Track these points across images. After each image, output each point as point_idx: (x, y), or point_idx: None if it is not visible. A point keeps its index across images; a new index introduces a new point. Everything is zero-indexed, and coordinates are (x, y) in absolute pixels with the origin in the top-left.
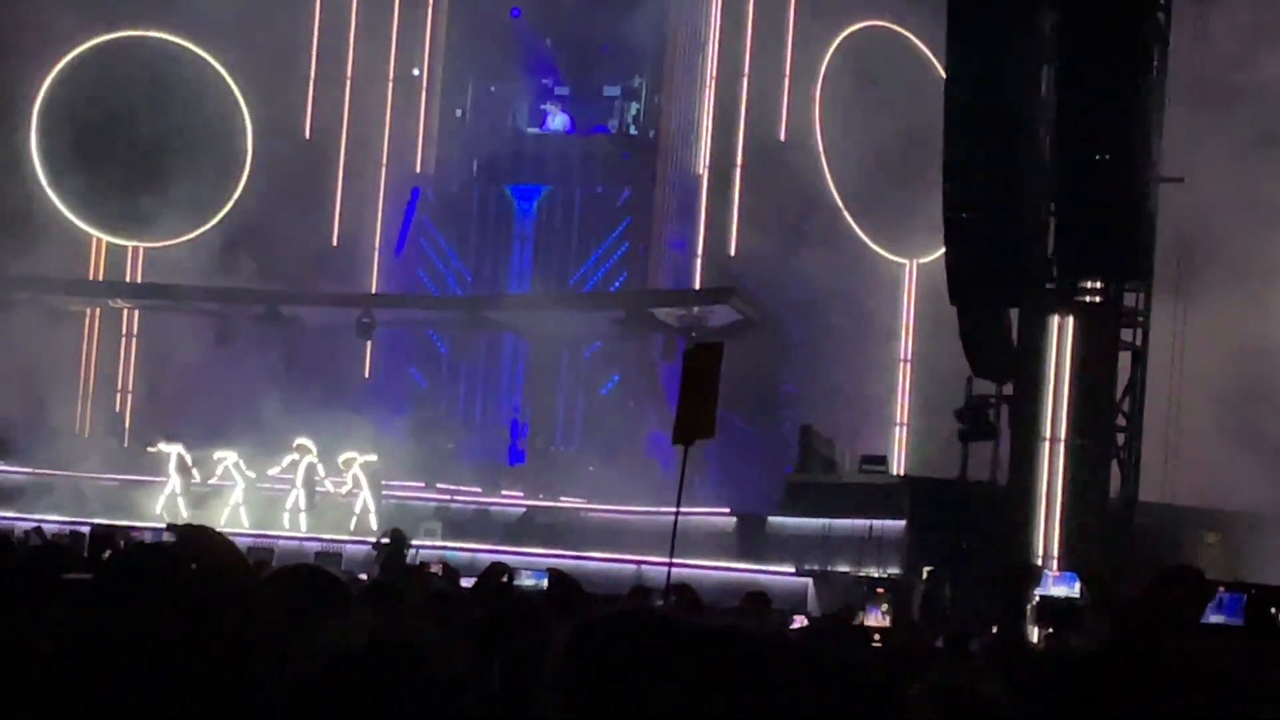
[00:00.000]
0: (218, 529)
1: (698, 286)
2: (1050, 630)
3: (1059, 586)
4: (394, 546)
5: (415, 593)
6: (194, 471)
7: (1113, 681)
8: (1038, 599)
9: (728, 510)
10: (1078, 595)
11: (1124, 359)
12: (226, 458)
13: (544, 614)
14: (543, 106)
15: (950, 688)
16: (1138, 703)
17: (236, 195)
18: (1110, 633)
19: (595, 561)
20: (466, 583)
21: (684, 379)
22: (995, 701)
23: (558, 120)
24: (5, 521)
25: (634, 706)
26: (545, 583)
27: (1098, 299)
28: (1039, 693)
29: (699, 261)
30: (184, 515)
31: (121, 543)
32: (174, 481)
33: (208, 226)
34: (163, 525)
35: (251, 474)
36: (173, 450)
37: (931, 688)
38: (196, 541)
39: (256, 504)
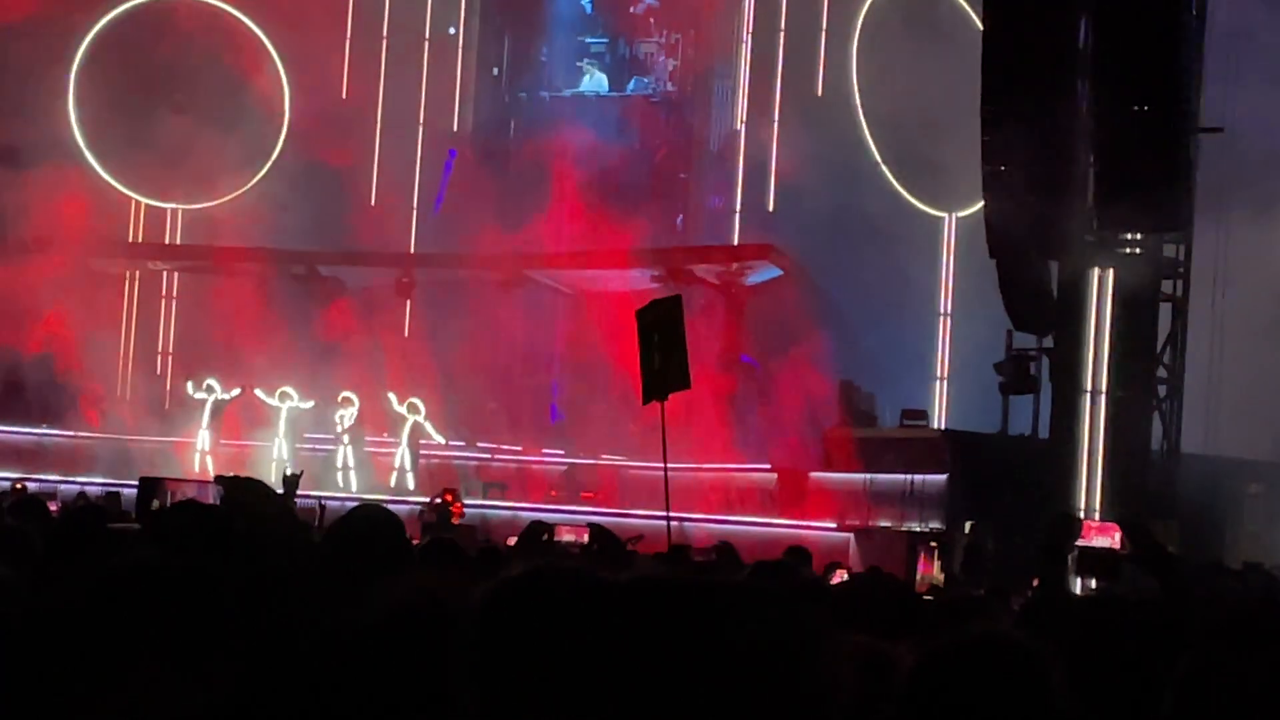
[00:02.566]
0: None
1: (736, 243)
2: (1094, 580)
3: (1100, 537)
4: (444, 506)
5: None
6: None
7: (1172, 628)
8: (1078, 550)
9: (768, 466)
10: (1118, 545)
11: (1164, 310)
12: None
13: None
14: (579, 64)
15: (987, 635)
16: (1201, 648)
17: (274, 156)
18: (1157, 582)
19: (636, 519)
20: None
21: (641, 336)
22: (1036, 650)
23: (594, 79)
24: (48, 485)
25: (546, 668)
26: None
27: (1138, 250)
28: (1086, 641)
29: (737, 218)
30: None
31: (168, 496)
32: (204, 437)
33: (246, 188)
34: (208, 479)
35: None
36: (210, 398)
37: (968, 636)
38: (243, 496)
39: (301, 462)
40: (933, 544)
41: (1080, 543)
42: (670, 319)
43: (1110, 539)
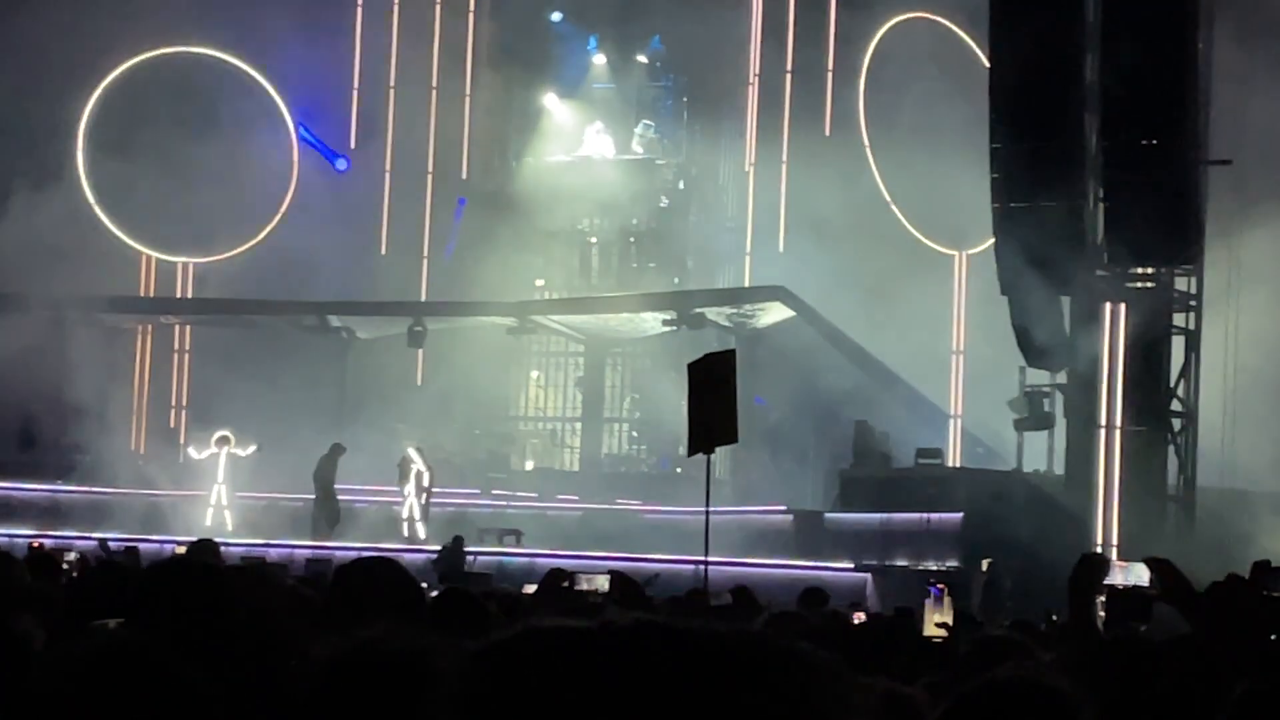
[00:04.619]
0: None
1: (747, 285)
2: (1121, 621)
3: (1126, 576)
4: (453, 553)
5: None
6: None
7: (1203, 669)
8: (1106, 590)
9: (784, 508)
10: (1146, 585)
11: (1177, 343)
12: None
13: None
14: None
15: (1020, 679)
16: (1232, 689)
17: (284, 208)
18: (1188, 622)
19: (654, 564)
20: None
21: (692, 388)
22: (1069, 694)
23: (599, 142)
24: (64, 540)
25: None
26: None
27: (1149, 284)
28: (1117, 683)
29: (748, 260)
30: (229, 527)
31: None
32: (219, 491)
33: (256, 240)
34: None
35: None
36: (221, 451)
37: (1000, 680)
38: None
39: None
40: (940, 584)
41: (1109, 582)
42: (723, 372)
43: (1137, 578)
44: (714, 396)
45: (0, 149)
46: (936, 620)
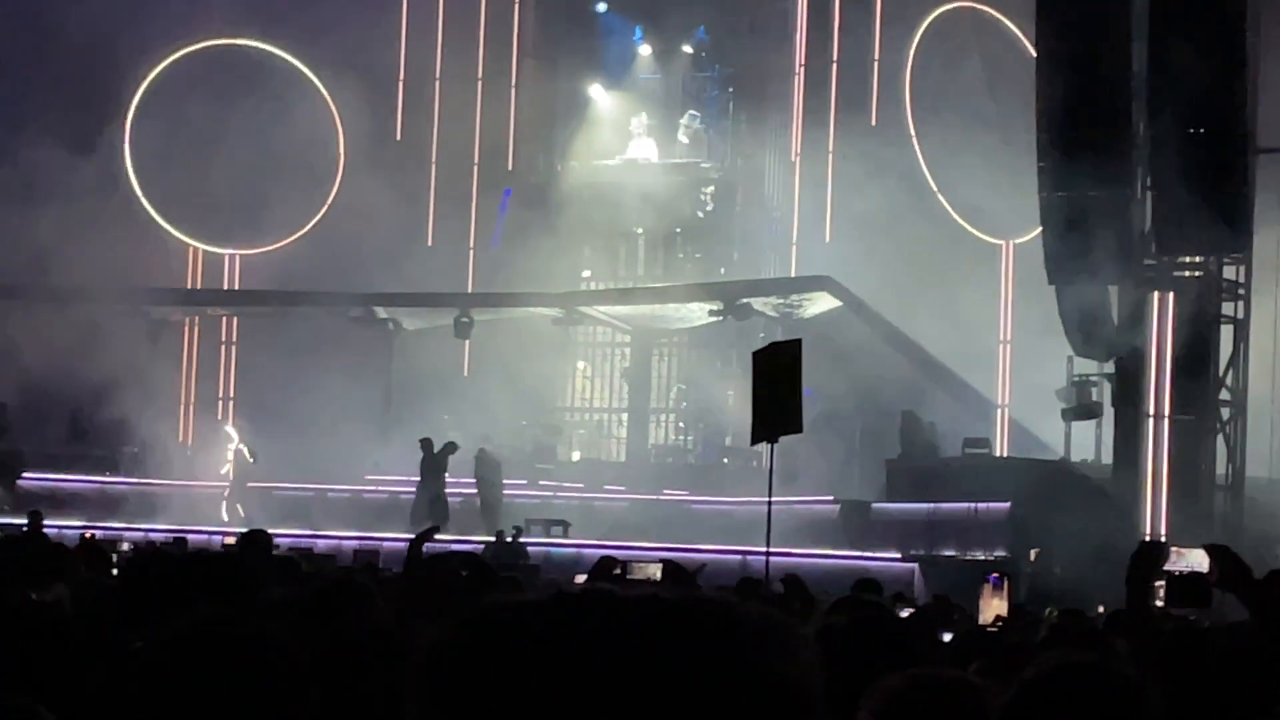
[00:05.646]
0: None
1: (793, 275)
2: (1178, 608)
3: (1184, 563)
4: (502, 545)
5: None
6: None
7: (1261, 656)
8: (1164, 577)
9: (831, 498)
10: (1205, 571)
11: (1225, 332)
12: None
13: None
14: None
15: (1075, 664)
16: None
17: (331, 199)
18: (1247, 609)
19: (700, 554)
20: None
21: (756, 378)
22: (1136, 680)
23: (642, 145)
24: (112, 532)
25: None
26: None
27: (1197, 273)
28: (1175, 670)
29: (794, 250)
30: (242, 515)
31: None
32: (234, 481)
33: (303, 231)
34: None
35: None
36: (232, 442)
37: (1053, 666)
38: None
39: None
40: (996, 574)
41: (1167, 567)
42: (788, 363)
43: (1195, 564)
44: (778, 386)
45: (48, 143)
46: (995, 608)
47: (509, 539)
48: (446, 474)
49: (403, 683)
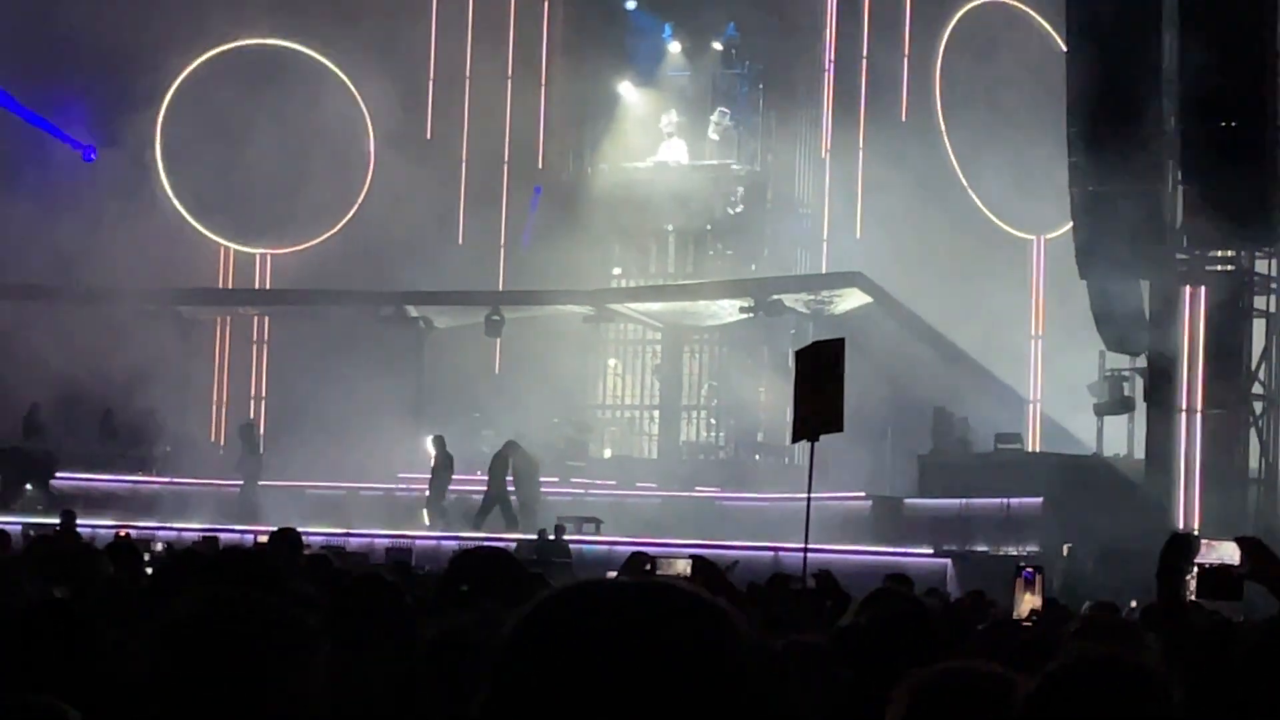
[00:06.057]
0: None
1: (824, 271)
2: (1211, 599)
3: (1215, 555)
4: (545, 543)
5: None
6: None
7: None
8: (1195, 570)
9: (863, 494)
10: (1236, 564)
11: (1258, 326)
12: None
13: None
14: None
15: (1096, 657)
16: None
17: (361, 198)
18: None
19: (733, 550)
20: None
21: (799, 376)
22: (1157, 673)
23: (672, 146)
24: (146, 531)
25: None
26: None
27: (1229, 267)
28: (1206, 662)
29: (825, 246)
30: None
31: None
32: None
33: (334, 230)
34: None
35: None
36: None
37: (1074, 658)
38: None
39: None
40: (1031, 568)
41: (1199, 559)
42: (830, 360)
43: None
44: (821, 384)
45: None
46: (1029, 603)
47: (550, 537)
48: (508, 475)
49: (414, 671)
